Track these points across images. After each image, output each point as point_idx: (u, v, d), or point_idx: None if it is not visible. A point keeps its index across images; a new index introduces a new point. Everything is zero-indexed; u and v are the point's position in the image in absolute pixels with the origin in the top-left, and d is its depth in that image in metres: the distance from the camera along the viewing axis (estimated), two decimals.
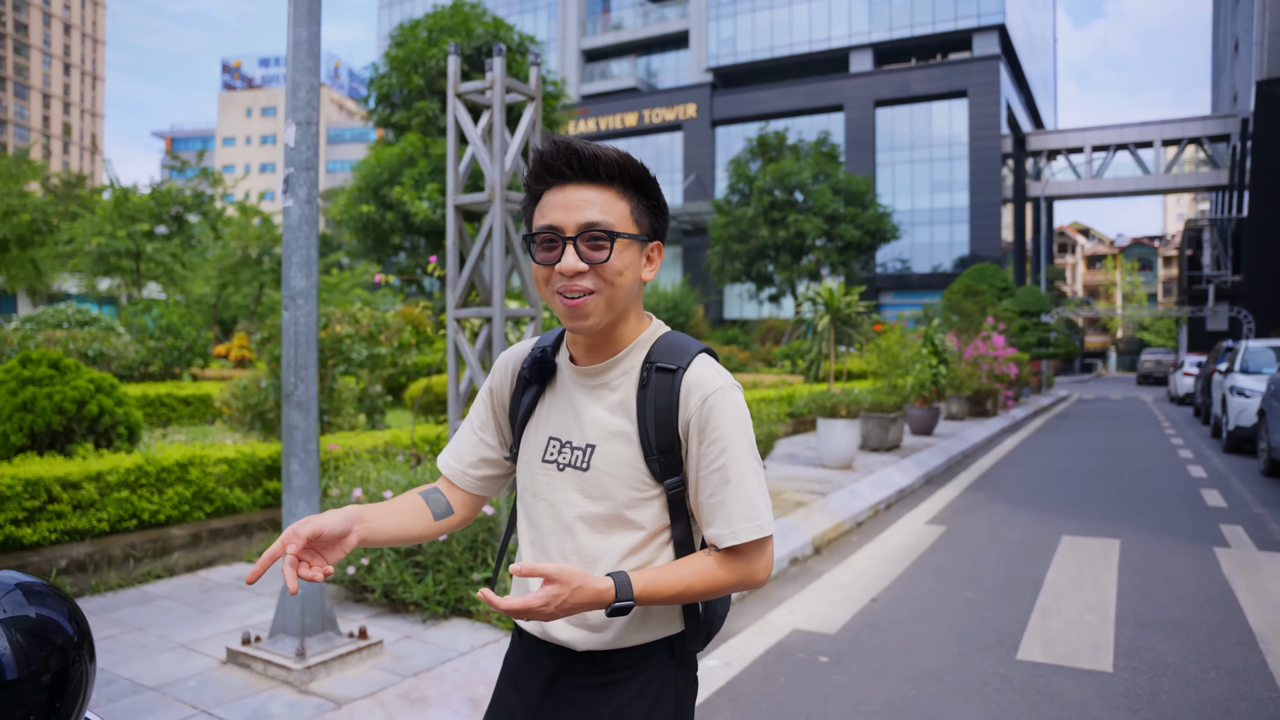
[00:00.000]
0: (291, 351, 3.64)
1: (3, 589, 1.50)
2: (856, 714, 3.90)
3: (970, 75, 43.41)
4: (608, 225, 1.46)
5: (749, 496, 1.48)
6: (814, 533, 7.05)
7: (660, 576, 1.44)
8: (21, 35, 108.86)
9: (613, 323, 1.53)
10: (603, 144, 1.48)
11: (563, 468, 1.57)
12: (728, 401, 1.50)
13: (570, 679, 1.57)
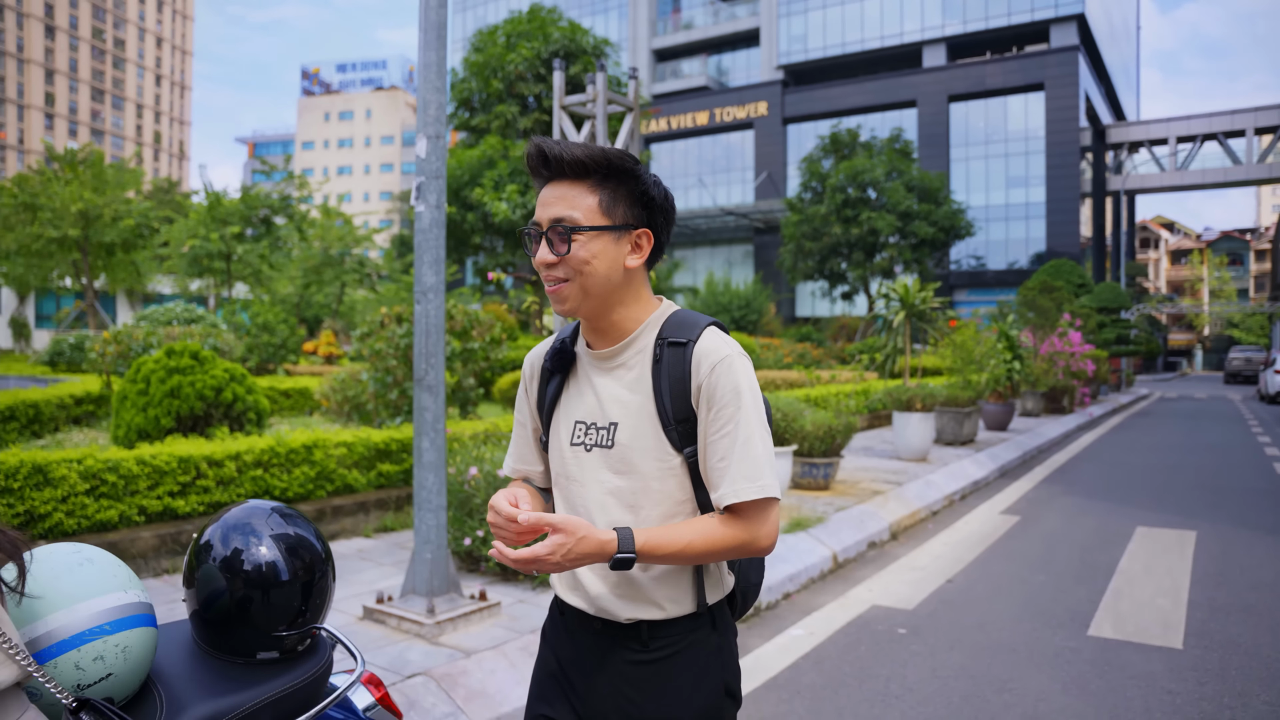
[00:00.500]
0: (423, 341, 4.09)
1: (264, 512, 1.95)
2: (933, 679, 4.20)
3: (1047, 67, 42.53)
4: (572, 220, 1.56)
5: (753, 459, 1.54)
6: (891, 519, 7.31)
7: (662, 532, 1.51)
8: (119, 50, 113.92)
9: (608, 306, 1.63)
10: (583, 142, 1.71)
11: (590, 448, 1.66)
12: (734, 368, 1.57)
13: (620, 656, 1.64)
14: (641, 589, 1.61)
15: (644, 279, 1.69)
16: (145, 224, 30.62)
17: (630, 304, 1.65)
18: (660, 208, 1.64)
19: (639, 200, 1.61)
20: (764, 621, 5.09)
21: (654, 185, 1.63)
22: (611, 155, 1.58)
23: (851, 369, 18.29)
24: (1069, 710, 3.83)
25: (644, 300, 1.68)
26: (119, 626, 1.62)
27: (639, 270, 1.65)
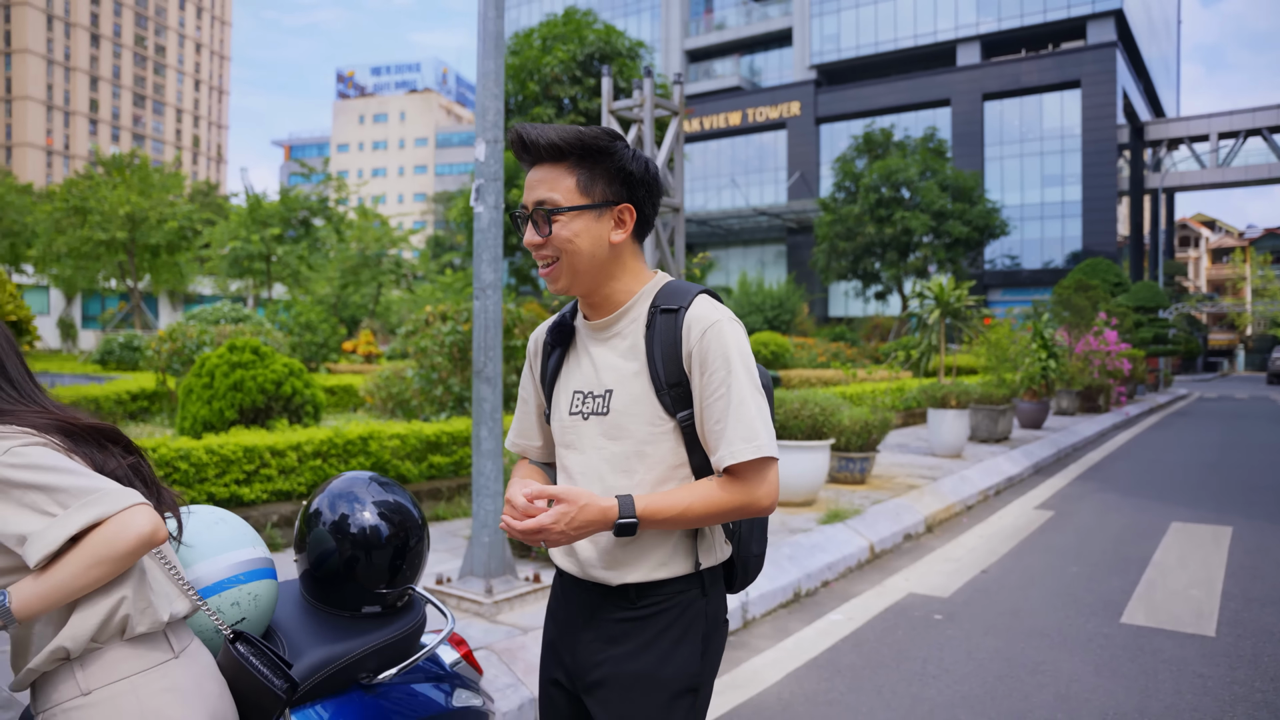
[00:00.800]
0: (481, 334, 4.33)
1: (364, 480, 2.19)
2: (969, 661, 4.36)
3: (1084, 64, 42.11)
4: (552, 202, 1.62)
5: (747, 420, 1.57)
6: (926, 513, 7.45)
7: (662, 497, 1.55)
8: (160, 56, 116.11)
9: (599, 281, 1.68)
10: (568, 126, 1.67)
11: (587, 416, 1.71)
12: (725, 333, 1.61)
13: (607, 613, 1.70)
14: (629, 553, 1.66)
15: (633, 251, 1.73)
16: (189, 226, 31.34)
17: (621, 276, 1.70)
18: (641, 181, 1.67)
19: (617, 177, 1.64)
20: (804, 607, 5.27)
21: (632, 160, 1.65)
22: (585, 135, 1.62)
23: (886, 368, 18.36)
24: (1100, 690, 3.97)
25: (636, 271, 1.73)
26: (250, 577, 1.86)
27: (626, 244, 1.69)
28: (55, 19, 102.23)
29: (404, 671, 2.06)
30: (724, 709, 3.75)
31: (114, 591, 1.40)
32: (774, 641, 4.65)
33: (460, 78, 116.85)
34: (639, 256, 1.76)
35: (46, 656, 1.36)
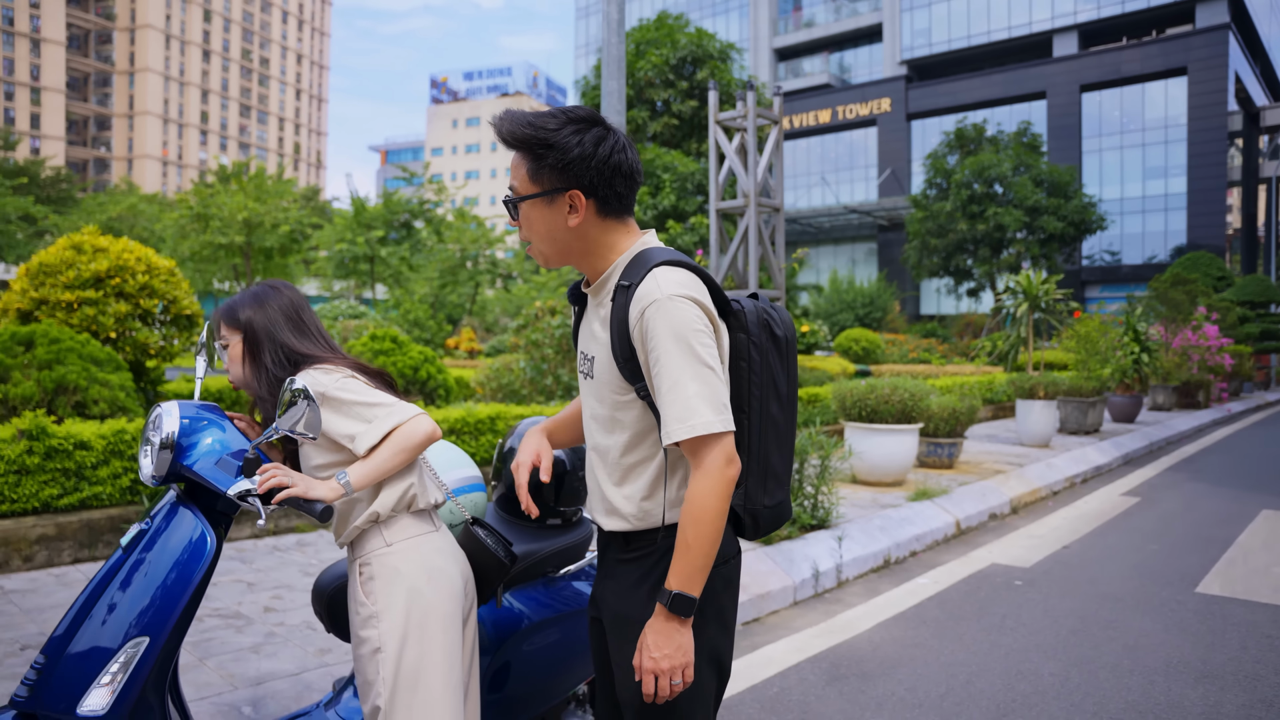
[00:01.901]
0: None
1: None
2: (1045, 617, 4.80)
3: (1192, 50, 40.62)
4: (514, 190, 1.78)
5: (683, 400, 1.61)
6: (1011, 494, 7.81)
7: (677, 561, 1.66)
8: (264, 69, 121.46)
9: (572, 259, 1.80)
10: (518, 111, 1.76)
11: (585, 376, 1.87)
12: (662, 312, 1.62)
13: (612, 555, 1.88)
14: (615, 505, 1.81)
15: (604, 229, 1.77)
16: (300, 230, 33.16)
17: (594, 252, 1.77)
18: (596, 169, 1.70)
19: (562, 165, 1.69)
20: (892, 572, 5.76)
21: (574, 149, 1.68)
22: (531, 126, 1.69)
23: (975, 364, 18.42)
24: (1167, 644, 4.37)
25: (610, 245, 1.77)
26: (473, 488, 2.53)
27: (590, 223, 1.74)
28: (172, 38, 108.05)
29: (575, 570, 2.72)
30: (819, 649, 4.29)
31: (406, 478, 2.05)
32: (865, 599, 5.16)
33: (550, 80, 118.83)
34: (614, 231, 1.78)
35: (365, 519, 2.01)
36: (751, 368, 1.80)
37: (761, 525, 1.86)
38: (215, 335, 2.18)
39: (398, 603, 1.95)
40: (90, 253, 6.95)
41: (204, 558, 1.96)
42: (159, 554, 1.97)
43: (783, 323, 1.88)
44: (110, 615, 1.92)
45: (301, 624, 3.97)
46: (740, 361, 1.80)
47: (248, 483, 1.94)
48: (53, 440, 4.76)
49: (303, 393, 1.82)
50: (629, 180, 1.77)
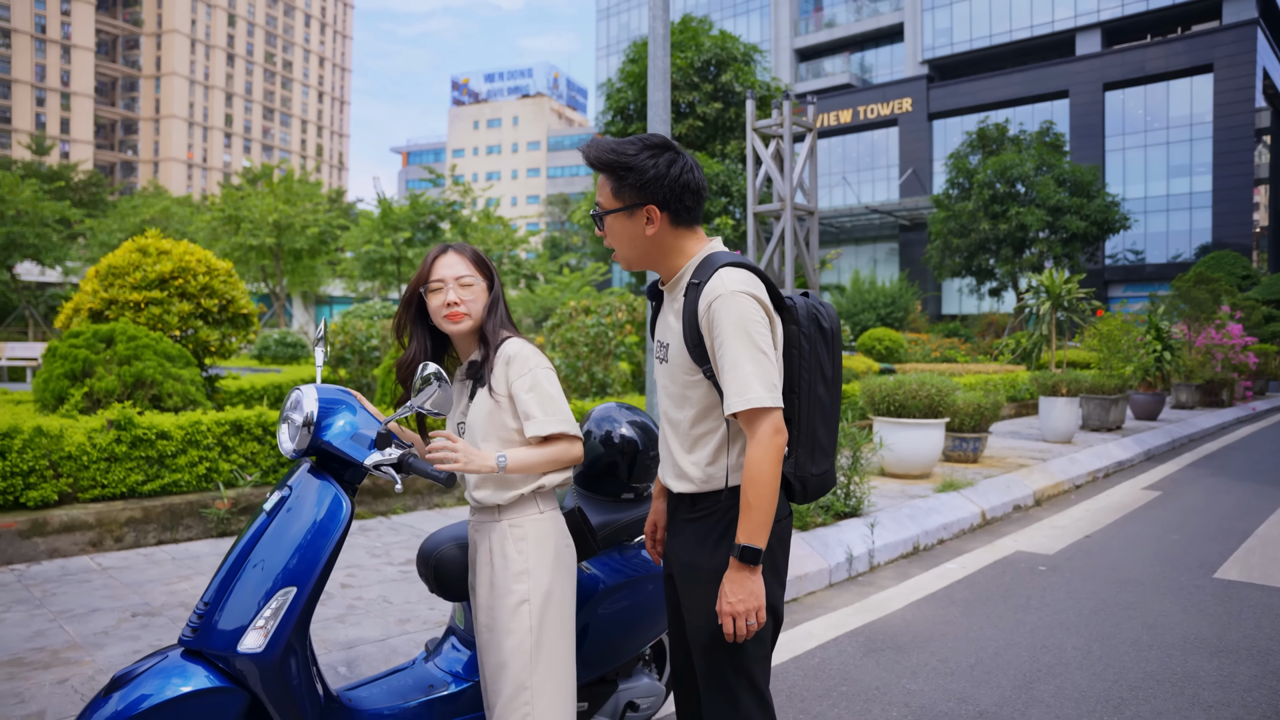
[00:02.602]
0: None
1: (615, 408, 3.16)
2: (1067, 599, 5.06)
3: (1218, 47, 40.38)
4: (600, 206, 2.10)
5: (741, 378, 1.92)
6: (1035, 487, 8.05)
7: (743, 516, 1.96)
8: (287, 71, 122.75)
9: (650, 262, 2.13)
10: (608, 139, 2.09)
11: (660, 361, 2.18)
12: (726, 305, 1.94)
13: (679, 515, 2.19)
14: (684, 470, 2.13)
15: (675, 236, 2.10)
16: (328, 231, 33.68)
17: (667, 256, 2.11)
18: (669, 187, 2.03)
19: (640, 184, 2.02)
20: (921, 558, 6.03)
21: (650, 170, 2.01)
22: (615, 152, 2.02)
23: (999, 363, 18.57)
24: (1184, 623, 4.63)
25: (681, 250, 2.11)
26: None
27: (663, 233, 2.08)
28: (197, 42, 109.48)
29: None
30: (856, 625, 4.58)
31: None
32: (897, 582, 5.44)
33: (571, 81, 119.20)
34: (685, 238, 2.12)
35: (531, 488, 2.29)
36: (801, 355, 2.12)
37: (810, 491, 2.16)
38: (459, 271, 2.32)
39: (547, 562, 2.26)
40: (155, 255, 7.33)
41: (340, 518, 2.28)
42: (300, 516, 2.29)
43: (829, 317, 2.19)
44: (261, 568, 2.24)
45: (377, 599, 4.30)
46: (792, 349, 2.12)
47: (380, 454, 2.26)
48: (138, 430, 5.12)
49: (437, 374, 2.13)
50: (696, 195, 2.10)
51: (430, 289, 2.29)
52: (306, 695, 2.30)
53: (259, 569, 2.25)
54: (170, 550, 5.04)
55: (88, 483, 5.01)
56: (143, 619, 3.87)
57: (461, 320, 2.27)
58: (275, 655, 2.19)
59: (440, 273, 2.28)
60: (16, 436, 4.75)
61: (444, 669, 2.73)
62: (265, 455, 5.70)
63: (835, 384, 2.19)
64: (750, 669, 2.14)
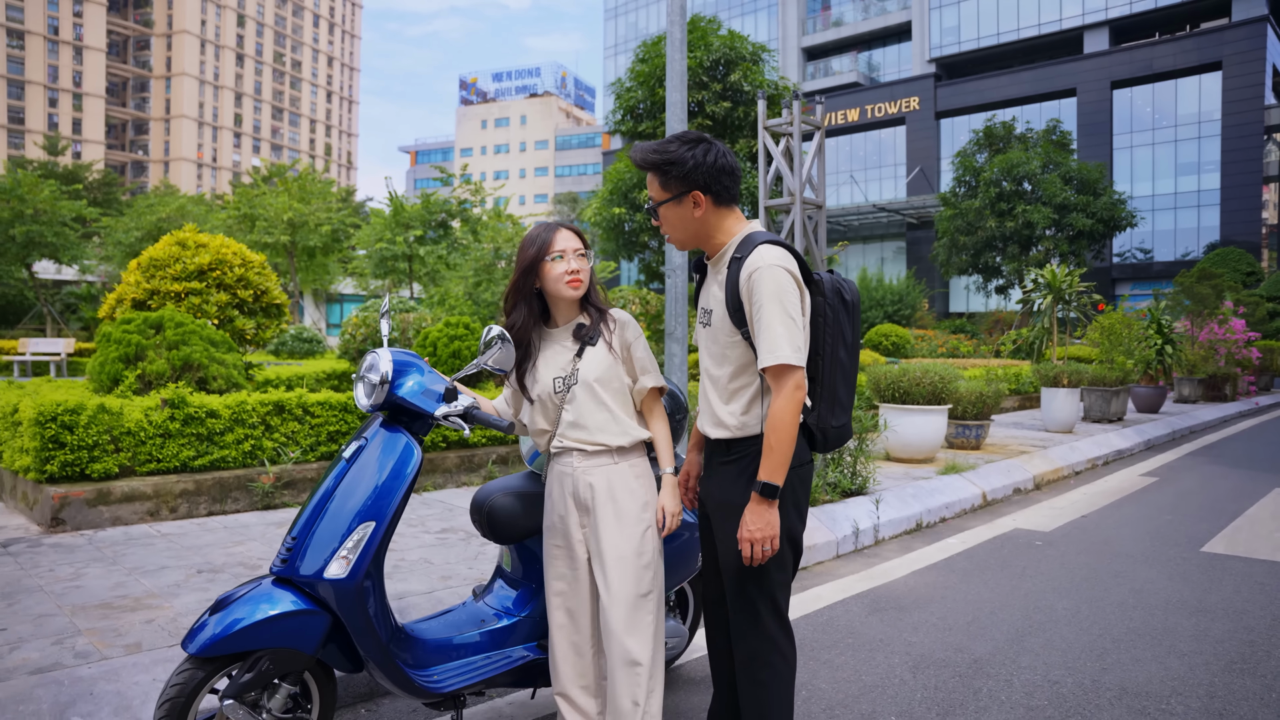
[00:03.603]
0: (672, 305, 5.60)
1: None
2: (1061, 569, 5.38)
3: (1226, 44, 40.47)
4: (652, 198, 2.51)
5: (771, 340, 2.27)
6: (1035, 472, 8.37)
7: (765, 458, 2.31)
8: (295, 71, 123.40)
9: (698, 241, 2.50)
10: (659, 142, 2.47)
11: (704, 325, 2.54)
12: (763, 276, 2.30)
13: (715, 459, 2.57)
14: (721, 419, 2.50)
15: (720, 215, 2.48)
16: (341, 230, 34.09)
17: (714, 234, 2.48)
18: (708, 172, 2.39)
19: (683, 175, 2.40)
20: (924, 534, 6.36)
21: (690, 161, 2.38)
22: (655, 155, 2.42)
23: (1003, 359, 18.85)
24: (1169, 589, 4.95)
25: (725, 229, 2.49)
26: None
27: (708, 215, 2.45)
28: (207, 43, 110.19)
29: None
30: (861, 589, 4.91)
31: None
32: (900, 554, 5.78)
33: (579, 80, 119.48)
34: (727, 218, 2.50)
35: (644, 439, 2.68)
36: (826, 323, 2.49)
37: (829, 440, 2.52)
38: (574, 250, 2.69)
39: (654, 494, 2.67)
40: (193, 248, 7.70)
41: (411, 462, 2.64)
42: (377, 461, 2.64)
43: (851, 291, 2.56)
44: (344, 505, 2.60)
45: (419, 560, 4.65)
46: (819, 318, 2.49)
47: (447, 407, 2.61)
48: (189, 409, 5.48)
49: (501, 336, 2.49)
50: (732, 176, 2.48)
51: (551, 258, 2.60)
52: (381, 620, 2.65)
53: (342, 506, 2.60)
54: (221, 520, 5.40)
55: (144, 457, 5.38)
56: (208, 575, 4.23)
57: (580, 286, 2.61)
58: (356, 581, 2.54)
59: (561, 244, 2.61)
60: (82, 413, 5.11)
61: (495, 606, 3.07)
62: (305, 434, 6.06)
63: (854, 349, 2.55)
64: (773, 592, 2.49)
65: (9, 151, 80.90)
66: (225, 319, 7.66)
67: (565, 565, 2.68)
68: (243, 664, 2.52)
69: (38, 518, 5.12)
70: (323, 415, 6.13)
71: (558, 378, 2.64)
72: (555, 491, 2.69)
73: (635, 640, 2.56)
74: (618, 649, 2.56)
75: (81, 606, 3.72)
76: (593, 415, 2.60)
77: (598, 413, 2.60)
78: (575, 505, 2.65)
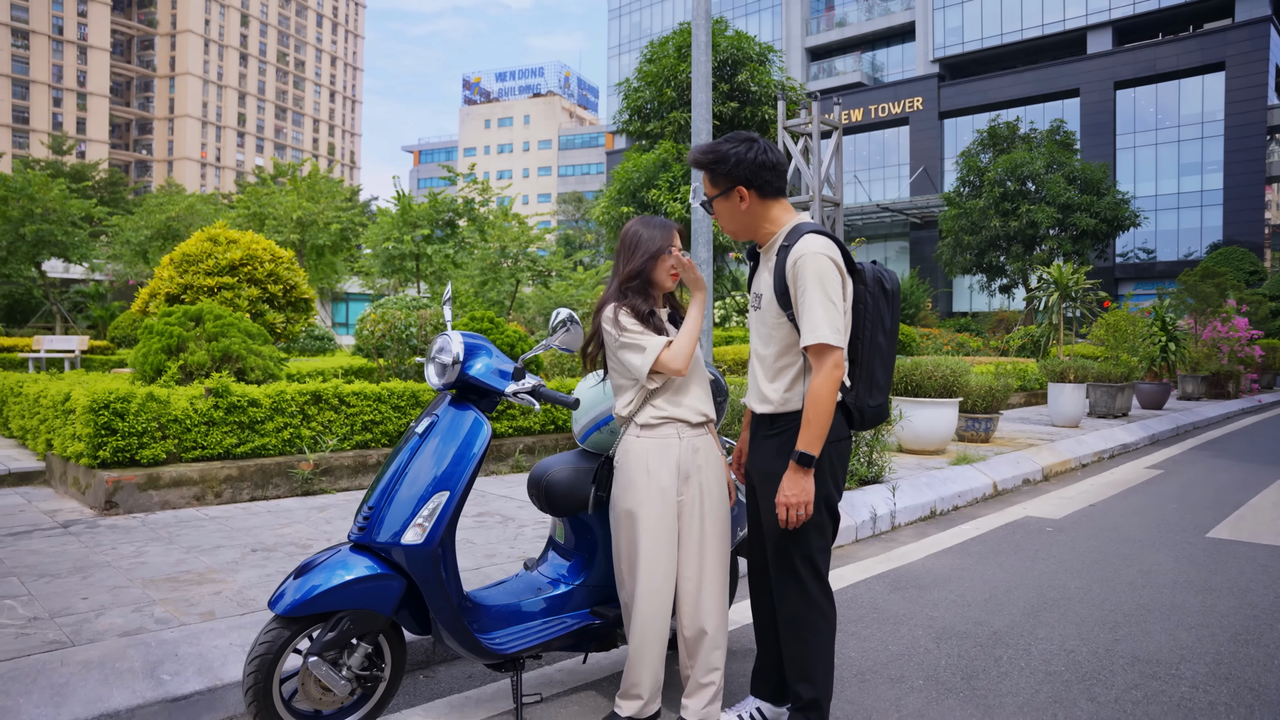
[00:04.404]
0: None
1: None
2: (1072, 552, 5.59)
3: (1230, 44, 40.61)
4: (706, 193, 2.76)
5: (813, 321, 2.49)
6: (1043, 464, 8.58)
7: (802, 431, 2.54)
8: (299, 71, 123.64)
9: (748, 232, 2.72)
10: (712, 143, 2.74)
11: (754, 309, 2.78)
12: (809, 263, 2.51)
13: (759, 432, 2.78)
14: (766, 395, 2.72)
15: (767, 207, 2.69)
16: (350, 228, 34.31)
17: (762, 225, 2.70)
18: (750, 168, 2.61)
19: (729, 172, 2.64)
20: (938, 521, 6.57)
21: (733, 158, 2.62)
22: (704, 156, 2.69)
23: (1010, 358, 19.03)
24: (1176, 570, 5.16)
25: (773, 219, 2.70)
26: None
27: (754, 207, 2.67)
28: (211, 42, 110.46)
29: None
30: (882, 570, 5.12)
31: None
32: (917, 539, 5.99)
33: (582, 80, 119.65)
34: (774, 208, 2.71)
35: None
36: (866, 309, 2.71)
37: (867, 419, 2.73)
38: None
39: None
40: (224, 244, 7.91)
41: (481, 436, 2.85)
42: (449, 435, 2.85)
43: (891, 280, 2.78)
44: (419, 476, 2.81)
45: (462, 541, 4.87)
46: (859, 305, 2.71)
47: (516, 384, 2.83)
48: (232, 397, 5.70)
49: (570, 319, 2.70)
50: (775, 170, 2.68)
51: (664, 256, 2.85)
52: (452, 585, 2.85)
53: (417, 477, 2.81)
54: (264, 505, 5.62)
55: (190, 444, 5.60)
56: (262, 554, 4.45)
57: (676, 281, 2.90)
58: (431, 547, 2.75)
59: (677, 242, 2.89)
60: (132, 401, 5.33)
61: (550, 575, 3.28)
62: (341, 424, 6.27)
63: (892, 334, 2.76)
64: (813, 556, 2.71)
65: (14, 151, 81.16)
66: (256, 313, 7.87)
67: (661, 529, 2.79)
68: (325, 624, 2.73)
69: (90, 501, 5.34)
70: (358, 405, 6.35)
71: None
72: (652, 461, 2.77)
73: (720, 600, 2.84)
74: (708, 606, 2.80)
75: (150, 580, 3.93)
76: (692, 391, 2.82)
77: (696, 389, 2.84)
78: (678, 473, 2.78)
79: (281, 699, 2.70)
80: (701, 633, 2.79)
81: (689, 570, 2.80)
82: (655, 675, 2.82)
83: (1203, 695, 3.30)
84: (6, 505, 5.52)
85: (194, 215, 35.78)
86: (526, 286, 39.85)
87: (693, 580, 2.80)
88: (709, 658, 2.80)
